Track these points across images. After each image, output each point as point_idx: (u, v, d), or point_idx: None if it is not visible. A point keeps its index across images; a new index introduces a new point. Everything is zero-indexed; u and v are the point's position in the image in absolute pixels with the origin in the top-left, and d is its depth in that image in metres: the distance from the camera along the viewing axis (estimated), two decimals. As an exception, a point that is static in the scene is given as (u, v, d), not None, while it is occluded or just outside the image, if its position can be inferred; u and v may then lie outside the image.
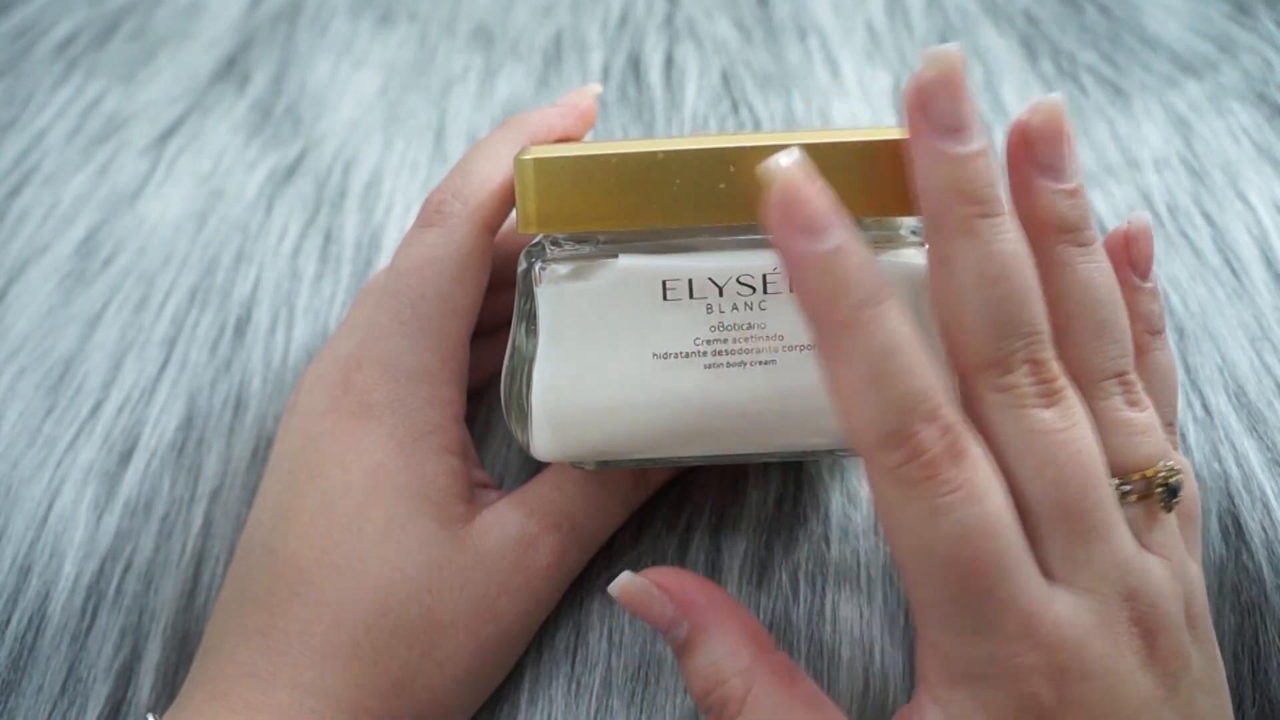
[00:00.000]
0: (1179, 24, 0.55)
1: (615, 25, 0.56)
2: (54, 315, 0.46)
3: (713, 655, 0.34)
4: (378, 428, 0.36)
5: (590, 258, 0.33)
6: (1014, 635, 0.29)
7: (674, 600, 0.34)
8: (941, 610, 0.30)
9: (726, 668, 0.33)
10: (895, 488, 0.29)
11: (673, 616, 0.34)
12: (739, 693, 0.33)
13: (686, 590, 0.35)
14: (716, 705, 0.33)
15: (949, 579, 0.29)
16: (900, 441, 0.29)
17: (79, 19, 0.58)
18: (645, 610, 0.35)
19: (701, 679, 0.34)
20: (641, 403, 0.33)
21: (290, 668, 0.34)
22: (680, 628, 0.34)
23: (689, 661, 0.34)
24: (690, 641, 0.34)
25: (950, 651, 0.30)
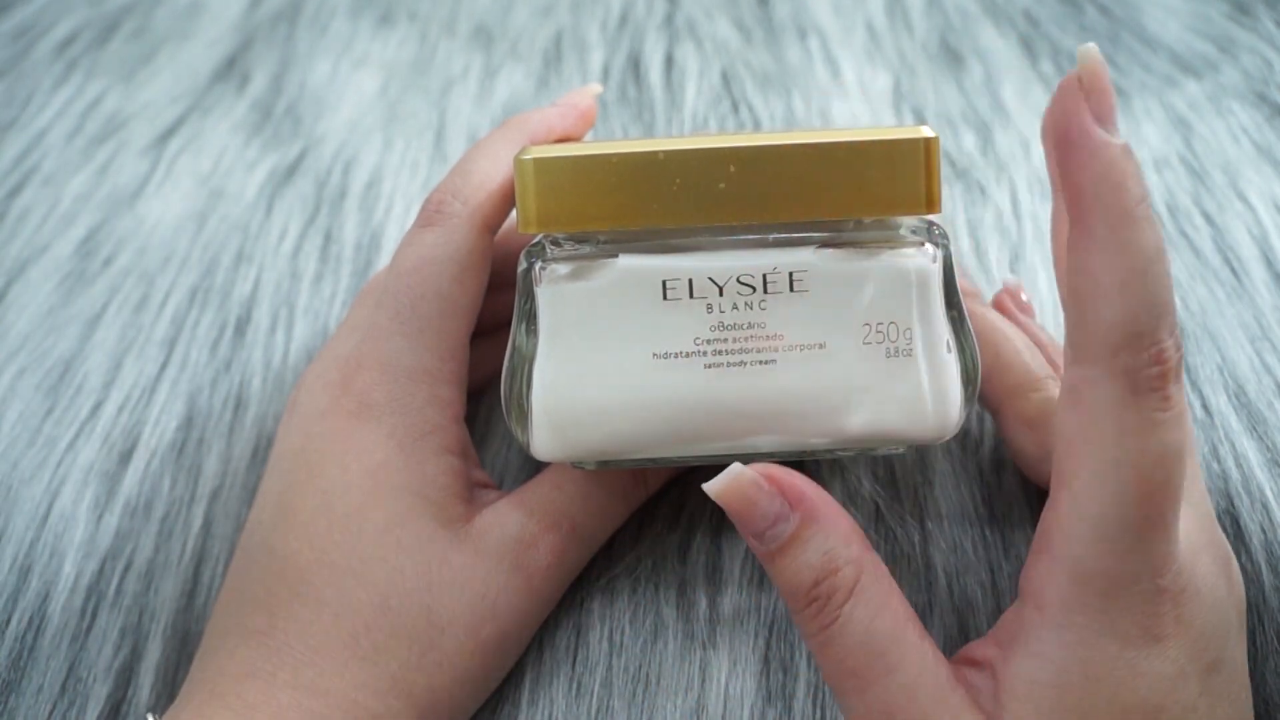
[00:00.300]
0: (1179, 24, 0.55)
1: (615, 25, 0.56)
2: (54, 315, 0.46)
3: (826, 544, 0.33)
4: (377, 427, 0.36)
5: (590, 257, 0.33)
6: (1159, 559, 0.31)
7: (781, 493, 0.33)
8: (1109, 525, 0.31)
9: (840, 555, 0.33)
10: (1125, 390, 0.30)
11: (779, 511, 0.33)
12: (849, 580, 0.32)
13: (794, 481, 0.33)
14: (825, 595, 0.32)
15: (1136, 493, 0.30)
16: (1148, 344, 0.30)
17: (79, 19, 0.58)
18: (750, 507, 0.33)
19: (811, 569, 0.33)
20: (642, 403, 0.33)
21: (290, 668, 0.34)
22: (787, 522, 0.33)
23: (794, 555, 0.33)
24: (798, 535, 0.33)
25: (1094, 568, 0.31)
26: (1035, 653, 0.32)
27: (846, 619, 0.32)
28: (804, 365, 0.33)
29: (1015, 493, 0.40)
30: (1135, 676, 0.31)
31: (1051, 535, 0.32)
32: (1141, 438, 0.30)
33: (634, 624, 0.38)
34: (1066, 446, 0.32)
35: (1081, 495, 0.31)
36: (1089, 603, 0.31)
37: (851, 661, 0.32)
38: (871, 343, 0.33)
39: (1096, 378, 0.30)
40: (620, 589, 0.39)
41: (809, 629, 0.33)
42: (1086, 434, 0.31)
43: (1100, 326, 0.30)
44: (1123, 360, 0.30)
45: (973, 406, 0.34)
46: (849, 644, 0.32)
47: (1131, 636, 0.31)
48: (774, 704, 0.37)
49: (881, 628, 0.32)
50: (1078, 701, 0.31)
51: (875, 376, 0.33)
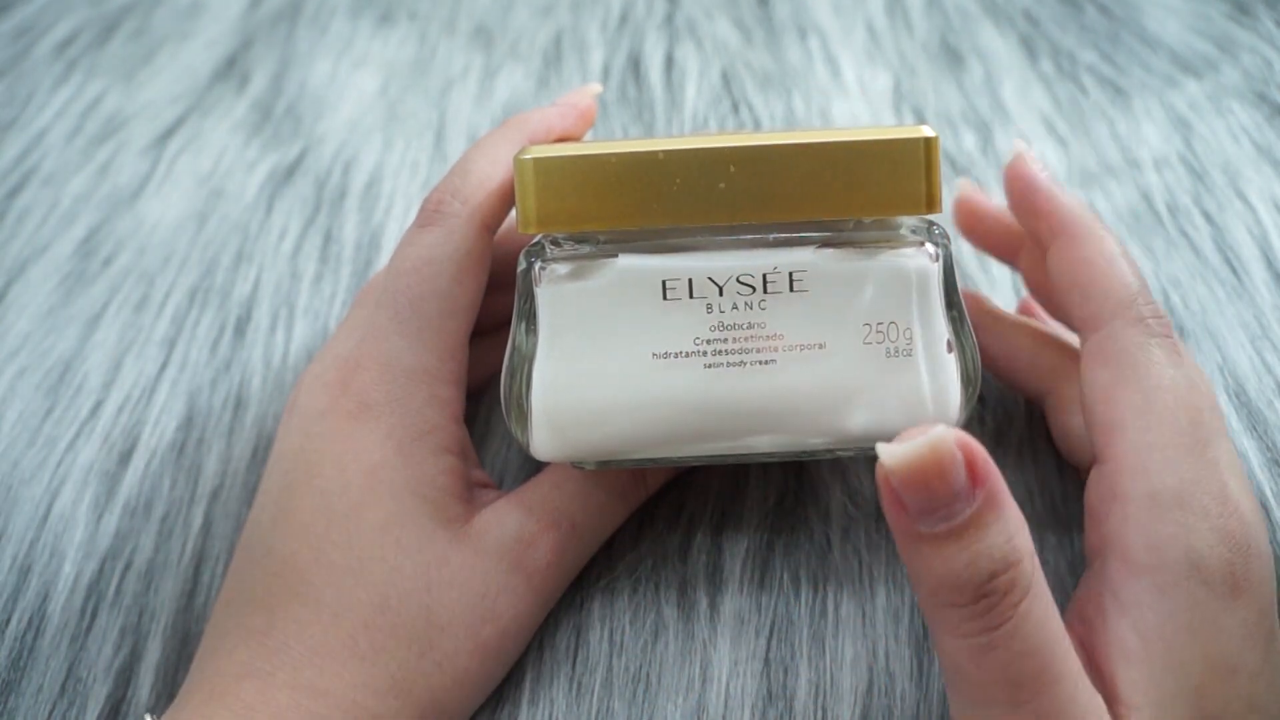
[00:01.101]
0: (1179, 24, 0.55)
1: (615, 25, 0.56)
2: (54, 315, 0.46)
3: (1008, 532, 0.29)
4: (376, 427, 0.36)
5: (590, 257, 0.33)
6: (1219, 497, 0.32)
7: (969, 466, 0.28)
8: (1168, 453, 0.33)
9: (1021, 547, 0.29)
10: (1144, 332, 0.34)
11: (964, 488, 0.28)
12: (1028, 576, 0.29)
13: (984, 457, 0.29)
14: (1001, 589, 0.29)
15: (1183, 418, 0.33)
16: (1148, 299, 0.35)
17: (79, 19, 0.58)
18: (939, 478, 0.28)
19: (991, 560, 0.28)
20: (641, 402, 0.33)
21: (289, 668, 0.34)
22: (969, 502, 0.28)
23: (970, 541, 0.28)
24: (981, 518, 0.28)
25: (1170, 501, 0.32)
26: (1130, 602, 0.32)
27: (1022, 619, 0.29)
28: (804, 365, 0.33)
29: (1016, 491, 0.40)
30: (1218, 631, 0.31)
31: (1116, 482, 0.33)
32: (1170, 367, 0.34)
33: (634, 624, 0.38)
34: (1104, 398, 0.34)
35: (1135, 429, 0.33)
36: (1175, 536, 0.32)
37: (1016, 669, 0.29)
38: (871, 343, 0.33)
39: (1116, 331, 0.35)
40: (620, 589, 0.39)
41: (968, 629, 0.29)
42: (1120, 377, 0.34)
43: (1107, 292, 0.35)
44: (1134, 310, 0.35)
45: (973, 406, 0.34)
46: (1019, 648, 0.29)
47: (1215, 582, 0.31)
48: (775, 704, 0.37)
49: (1053, 630, 0.29)
50: (1181, 656, 0.31)
51: (875, 376, 0.33)
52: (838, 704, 0.37)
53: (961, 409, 0.33)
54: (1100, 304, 0.35)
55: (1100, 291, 0.35)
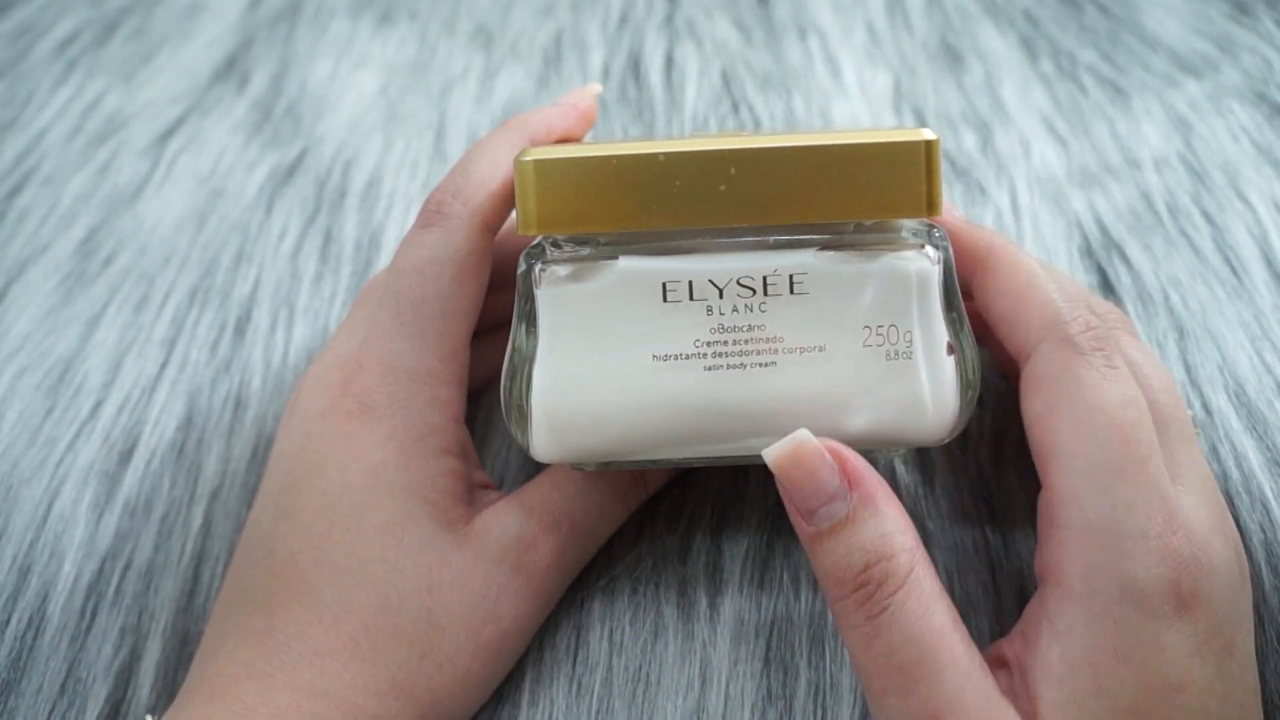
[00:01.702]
0: (1179, 24, 0.55)
1: (615, 25, 0.56)
2: (54, 315, 0.46)
3: (882, 528, 0.32)
4: (377, 428, 0.36)
5: (590, 259, 0.33)
6: (1160, 514, 0.32)
7: (842, 470, 0.32)
8: (1098, 478, 0.32)
9: (895, 542, 0.32)
10: (1071, 352, 0.33)
11: (837, 489, 0.32)
12: (904, 569, 0.32)
13: (857, 462, 0.32)
14: (876, 580, 0.32)
15: (1112, 439, 0.32)
16: (1073, 315, 0.34)
17: (79, 19, 0.58)
18: (810, 478, 0.32)
19: (864, 552, 0.32)
20: (641, 404, 0.33)
21: (289, 669, 0.34)
22: (843, 501, 0.32)
23: (846, 537, 0.32)
24: (855, 515, 0.32)
25: (1101, 528, 0.32)
26: (1062, 630, 0.32)
27: (898, 609, 0.31)
28: (804, 368, 0.33)
29: (1015, 492, 0.40)
30: (1158, 652, 0.31)
31: (1053, 509, 0.33)
32: (1100, 387, 0.33)
33: (634, 624, 0.38)
34: (1039, 425, 0.34)
35: (1066, 454, 0.33)
36: (1106, 563, 0.31)
37: (898, 658, 0.31)
38: (871, 345, 0.33)
39: (1044, 356, 0.34)
40: (620, 589, 0.39)
41: (853, 619, 0.32)
42: (1052, 403, 0.33)
43: (1030, 318, 0.34)
44: (1058, 331, 0.34)
45: (973, 409, 0.34)
46: (898, 638, 0.31)
47: (1153, 604, 0.31)
48: (774, 704, 0.37)
49: (933, 625, 0.31)
50: (1109, 680, 0.31)
51: (875, 379, 0.33)
52: (837, 704, 0.37)
53: (961, 411, 0.34)
54: (1025, 332, 0.34)
55: (1024, 319, 0.34)
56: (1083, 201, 0.47)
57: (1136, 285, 0.44)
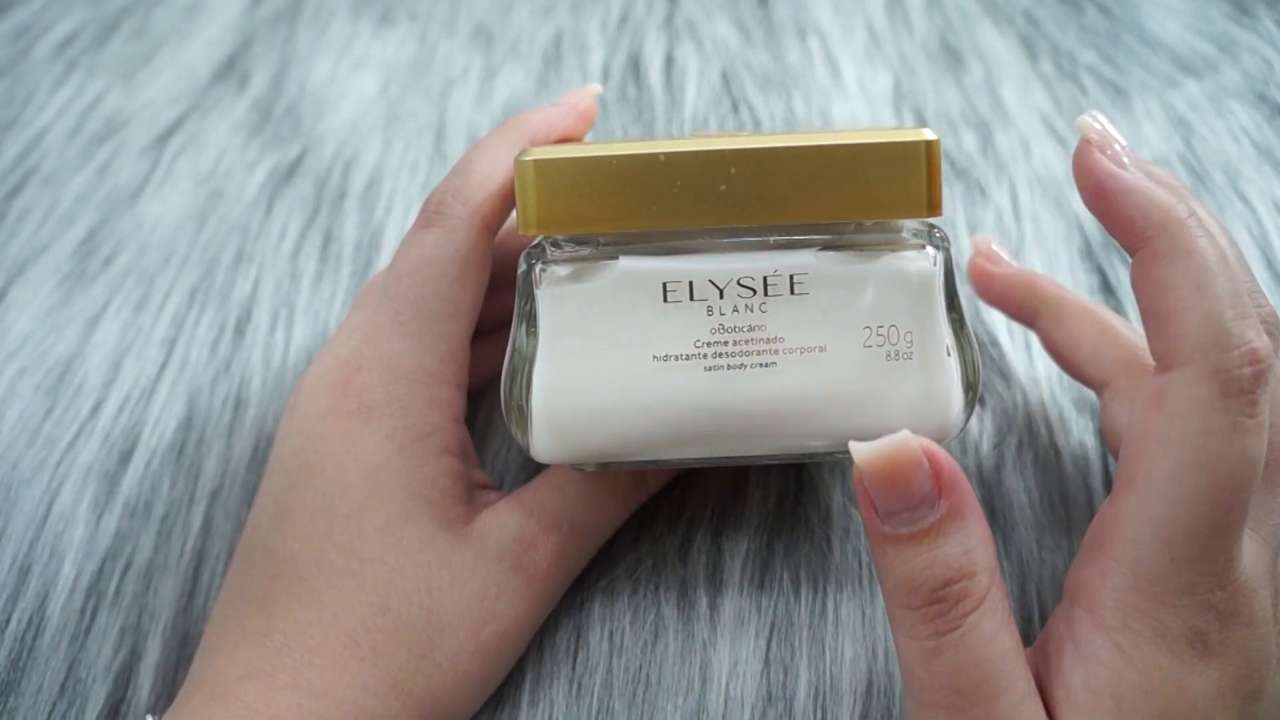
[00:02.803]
0: (1179, 24, 0.55)
1: (615, 25, 0.56)
2: (54, 315, 0.46)
3: (968, 544, 0.30)
4: (377, 429, 0.36)
5: (591, 259, 0.33)
6: (1216, 573, 0.30)
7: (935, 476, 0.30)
8: (1176, 529, 0.30)
9: (979, 561, 0.30)
10: (1215, 391, 0.30)
11: (928, 494, 0.30)
12: (982, 589, 0.30)
13: (954, 468, 0.30)
14: (953, 598, 0.30)
15: (1210, 499, 0.30)
16: (1238, 342, 0.30)
17: (79, 19, 0.58)
18: (904, 481, 0.30)
19: (947, 567, 0.30)
20: (641, 405, 0.33)
21: (289, 669, 0.34)
22: (932, 508, 0.30)
23: (929, 546, 0.30)
24: (942, 526, 0.30)
25: (1154, 573, 0.30)
26: (1089, 657, 0.31)
27: (969, 630, 0.30)
28: (804, 368, 0.33)
29: (1015, 492, 0.40)
30: (1181, 693, 0.31)
31: (1111, 537, 0.32)
32: (1225, 441, 0.30)
33: (634, 625, 0.38)
34: (1141, 448, 0.31)
35: (1152, 497, 0.31)
36: (1144, 608, 0.31)
37: (961, 678, 0.30)
38: (872, 346, 0.33)
39: (1185, 380, 0.30)
40: (621, 590, 0.39)
41: (918, 631, 0.31)
42: (1165, 435, 0.30)
43: (1186, 329, 0.30)
44: (1213, 359, 0.30)
45: (974, 409, 0.34)
46: (964, 658, 0.30)
47: (1181, 649, 0.30)
48: (774, 705, 0.37)
49: (1001, 648, 0.30)
50: (1133, 714, 0.31)
51: (875, 380, 0.33)
52: (837, 704, 0.37)
53: (962, 412, 0.33)
54: (1177, 343, 0.30)
55: (1179, 327, 0.30)
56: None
57: (1137, 286, 0.44)
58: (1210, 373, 0.30)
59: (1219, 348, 0.30)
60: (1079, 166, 0.33)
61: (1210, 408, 0.30)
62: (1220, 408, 0.30)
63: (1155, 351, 0.31)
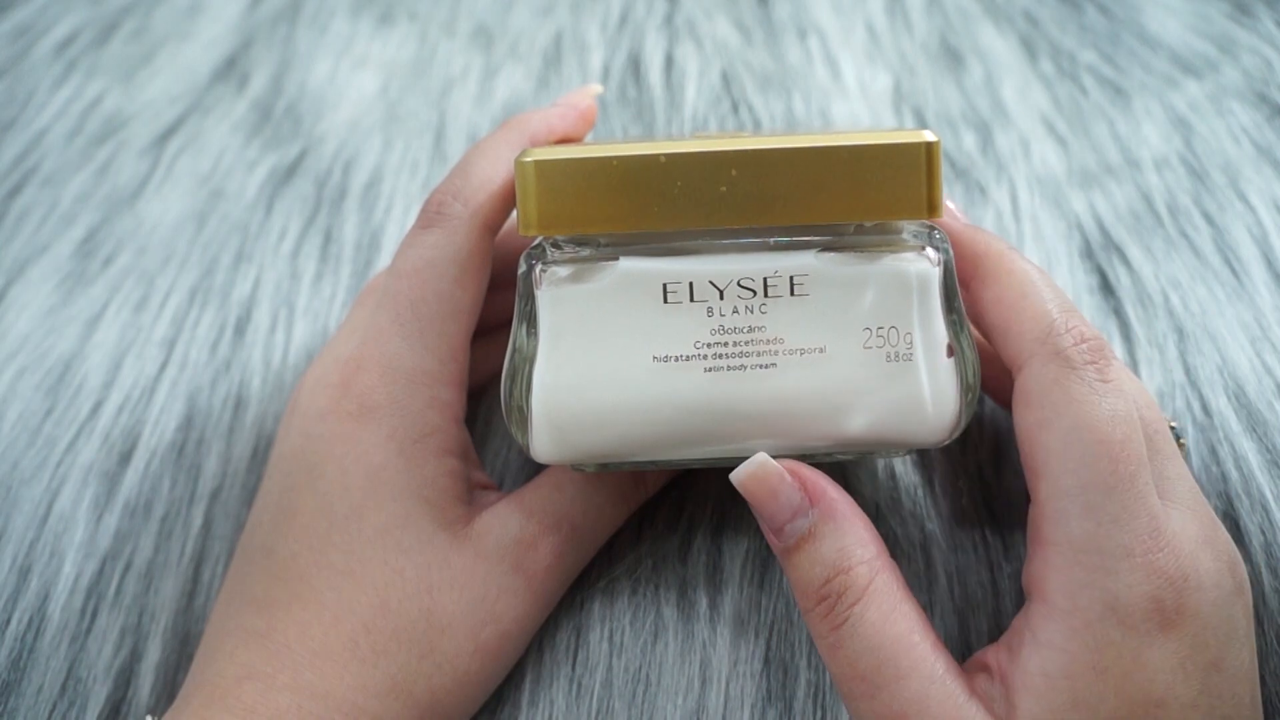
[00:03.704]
0: (1179, 24, 0.55)
1: (615, 25, 0.56)
2: (54, 315, 0.46)
3: (841, 542, 0.33)
4: (377, 429, 0.36)
5: (591, 260, 0.33)
6: (1146, 531, 0.32)
7: (803, 488, 0.34)
8: (1085, 497, 0.32)
9: (854, 555, 0.33)
10: (1062, 366, 0.33)
11: (799, 505, 0.33)
12: (863, 581, 0.33)
13: (817, 479, 0.34)
14: (835, 593, 0.33)
15: (1099, 457, 0.32)
16: (1066, 327, 0.33)
17: (79, 19, 0.58)
18: (771, 497, 0.34)
19: (824, 566, 0.33)
20: (641, 406, 0.33)
21: (289, 669, 0.34)
22: (805, 517, 0.33)
23: (808, 551, 0.33)
24: (815, 531, 0.33)
25: (1085, 540, 0.32)
26: (1044, 643, 0.32)
27: (857, 620, 0.32)
28: (804, 369, 0.33)
29: (1015, 492, 0.40)
30: (1139, 668, 0.31)
31: (1039, 525, 0.33)
32: (1089, 403, 0.32)
33: (634, 624, 0.38)
34: (1029, 440, 0.33)
35: (1054, 472, 0.33)
36: (1089, 581, 0.31)
37: (861, 665, 0.32)
38: (872, 347, 0.33)
39: (1035, 370, 0.33)
40: (620, 590, 0.39)
41: (819, 629, 0.33)
42: (1041, 419, 0.33)
43: (1022, 329, 0.34)
44: (1050, 345, 0.33)
45: (973, 410, 0.35)
46: (859, 647, 0.32)
47: (1135, 621, 0.31)
48: (774, 704, 0.37)
49: (893, 632, 0.32)
50: (1088, 694, 0.31)
51: (875, 381, 0.33)
52: (837, 704, 0.37)
53: (961, 413, 0.34)
54: (1018, 344, 0.34)
55: (1016, 330, 0.34)
56: (1083, 202, 0.47)
57: (1136, 286, 0.44)
58: (1052, 355, 0.33)
59: (1053, 334, 0.33)
60: None
61: (1064, 380, 0.33)
62: (1073, 378, 0.33)
63: (1007, 360, 0.35)
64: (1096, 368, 0.33)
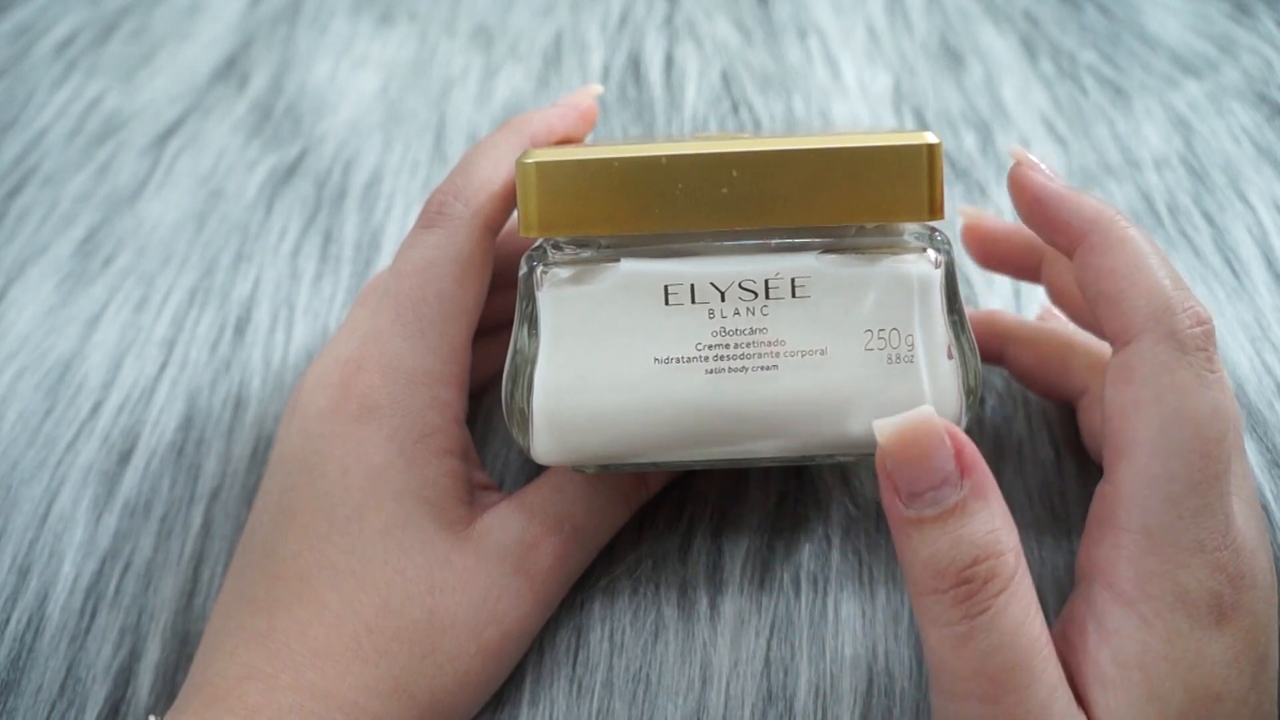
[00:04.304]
0: (1179, 24, 0.55)
1: (615, 25, 0.56)
2: (54, 315, 0.46)
3: (992, 524, 0.30)
4: (378, 430, 0.36)
5: (592, 261, 0.33)
6: (1219, 529, 0.31)
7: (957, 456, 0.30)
8: (1173, 484, 0.31)
9: (1005, 540, 0.30)
10: (1173, 350, 0.32)
11: (951, 474, 0.30)
12: (1010, 569, 0.30)
13: (974, 450, 0.30)
14: (982, 578, 0.30)
15: (1194, 451, 0.31)
16: (1184, 305, 0.32)
17: (79, 19, 0.58)
18: (924, 459, 0.30)
19: (974, 545, 0.30)
20: (642, 407, 0.33)
21: (291, 670, 0.34)
22: (955, 488, 0.30)
23: (953, 527, 0.30)
24: (966, 505, 0.30)
25: (1163, 533, 0.31)
26: (1113, 631, 0.32)
27: (999, 612, 0.30)
28: (805, 371, 0.33)
29: (1016, 492, 0.40)
30: (1202, 660, 0.31)
31: (1116, 508, 0.32)
32: (1195, 393, 0.31)
33: (635, 624, 0.38)
34: (1121, 418, 0.33)
35: (1143, 458, 0.32)
36: (1161, 571, 0.31)
37: (993, 663, 0.30)
38: (873, 349, 0.33)
39: (1145, 348, 0.32)
40: (621, 589, 0.39)
41: (947, 616, 0.30)
42: (1141, 400, 0.32)
43: (1135, 304, 0.32)
44: (1165, 324, 0.32)
45: (974, 413, 0.34)
46: (995, 642, 0.30)
47: (1200, 613, 0.31)
48: (775, 704, 0.37)
49: (1032, 631, 0.30)
50: (1161, 686, 0.31)
51: (876, 383, 0.33)
52: (837, 704, 0.37)
53: (962, 415, 0.34)
54: (1129, 317, 0.32)
55: (1128, 304, 0.32)
56: (1083, 202, 0.47)
57: (1136, 286, 0.44)
58: (1165, 336, 0.32)
59: (1168, 313, 0.32)
60: (1015, 182, 0.35)
61: (1174, 365, 0.32)
62: (1183, 364, 0.32)
63: (1111, 333, 0.33)
64: (1207, 355, 0.32)
